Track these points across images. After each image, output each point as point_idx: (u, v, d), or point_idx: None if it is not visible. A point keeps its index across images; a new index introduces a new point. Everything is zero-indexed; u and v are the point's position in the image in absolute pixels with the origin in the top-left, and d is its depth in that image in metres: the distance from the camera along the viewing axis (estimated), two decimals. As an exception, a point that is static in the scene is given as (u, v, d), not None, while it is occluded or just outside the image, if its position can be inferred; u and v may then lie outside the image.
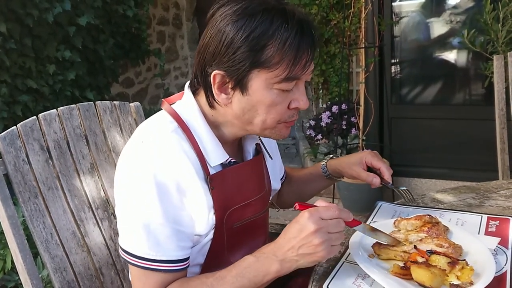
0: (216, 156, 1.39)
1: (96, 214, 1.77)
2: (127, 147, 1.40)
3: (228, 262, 1.44)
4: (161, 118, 1.42)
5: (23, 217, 1.58)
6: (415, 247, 1.35)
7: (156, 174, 1.28)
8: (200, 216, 1.36)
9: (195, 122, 1.39)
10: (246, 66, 1.25)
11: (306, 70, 1.31)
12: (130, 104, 1.97)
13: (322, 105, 5.53)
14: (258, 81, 1.28)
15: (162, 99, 1.48)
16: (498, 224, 1.58)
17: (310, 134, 5.09)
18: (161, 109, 1.46)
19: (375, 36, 4.45)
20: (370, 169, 1.70)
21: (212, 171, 1.37)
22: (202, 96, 1.41)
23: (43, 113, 1.68)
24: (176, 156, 1.32)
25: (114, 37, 4.89)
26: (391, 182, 1.64)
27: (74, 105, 1.78)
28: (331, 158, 1.83)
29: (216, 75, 1.29)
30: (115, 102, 1.92)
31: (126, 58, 5.35)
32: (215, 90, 1.32)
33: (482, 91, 4.52)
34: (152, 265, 1.30)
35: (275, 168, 1.73)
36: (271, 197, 1.68)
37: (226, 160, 1.41)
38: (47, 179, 1.64)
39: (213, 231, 1.41)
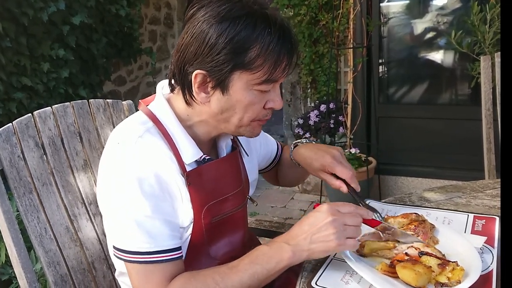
0: (191, 153, 1.41)
1: (89, 209, 1.79)
2: (104, 150, 1.42)
3: (208, 257, 1.48)
4: (136, 118, 1.44)
5: (18, 211, 1.60)
6: (406, 254, 1.35)
7: (135, 170, 1.31)
8: (181, 208, 1.39)
9: (168, 121, 1.42)
10: (229, 67, 1.28)
11: (285, 73, 1.34)
12: (123, 102, 1.98)
13: (311, 104, 5.53)
14: (239, 82, 1.31)
15: (139, 101, 1.50)
16: (484, 223, 1.59)
17: (299, 132, 5.09)
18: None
19: (363, 36, 4.49)
20: None
21: (188, 169, 1.40)
22: (178, 95, 1.43)
23: (38, 111, 1.70)
24: (151, 153, 1.35)
25: (107, 36, 4.89)
26: (359, 189, 1.57)
27: (68, 103, 1.80)
28: (296, 146, 1.77)
29: (197, 74, 1.31)
30: (108, 100, 1.93)
31: (119, 56, 5.35)
32: (195, 89, 1.34)
33: (469, 91, 4.57)
34: (149, 258, 1.31)
35: (253, 163, 1.74)
36: (250, 191, 1.70)
37: (201, 158, 1.43)
38: (41, 175, 1.66)
39: (192, 225, 1.43)
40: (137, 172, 1.31)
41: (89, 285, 1.76)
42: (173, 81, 1.44)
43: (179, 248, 1.37)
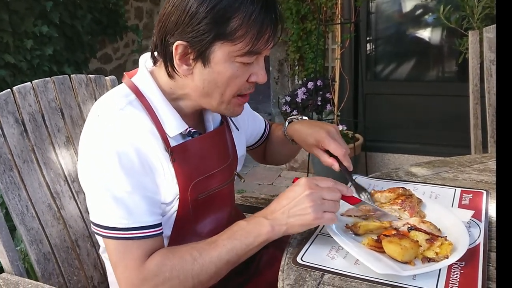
0: (175, 126, 1.38)
1: (72, 187, 1.78)
2: (86, 123, 1.39)
3: (195, 234, 1.46)
4: (118, 91, 1.41)
5: (-1, 190, 1.57)
6: (395, 229, 1.33)
7: (115, 144, 1.28)
8: (164, 183, 1.36)
9: (152, 94, 1.38)
10: (210, 37, 1.24)
11: (268, 45, 1.31)
12: (106, 77, 1.96)
13: (298, 81, 5.53)
14: (221, 54, 1.27)
15: (124, 73, 1.46)
16: (471, 197, 1.60)
17: (286, 110, 5.08)
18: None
19: (351, 12, 4.48)
20: None
21: (173, 143, 1.37)
22: (161, 67, 1.39)
23: (17, 86, 1.66)
24: (132, 126, 1.32)
25: (92, 13, 4.84)
26: (351, 168, 1.57)
27: (49, 78, 1.77)
28: (291, 122, 1.76)
29: (178, 45, 1.27)
30: (90, 75, 1.90)
31: (104, 34, 5.30)
32: (176, 61, 1.31)
33: (456, 68, 4.59)
34: (127, 234, 1.28)
35: (241, 138, 1.71)
36: (237, 167, 1.68)
37: (186, 130, 1.41)
38: (22, 152, 1.63)
39: (177, 201, 1.41)
40: (117, 145, 1.28)
41: (72, 263, 1.75)
42: (155, 53, 1.41)
43: (158, 225, 1.35)
